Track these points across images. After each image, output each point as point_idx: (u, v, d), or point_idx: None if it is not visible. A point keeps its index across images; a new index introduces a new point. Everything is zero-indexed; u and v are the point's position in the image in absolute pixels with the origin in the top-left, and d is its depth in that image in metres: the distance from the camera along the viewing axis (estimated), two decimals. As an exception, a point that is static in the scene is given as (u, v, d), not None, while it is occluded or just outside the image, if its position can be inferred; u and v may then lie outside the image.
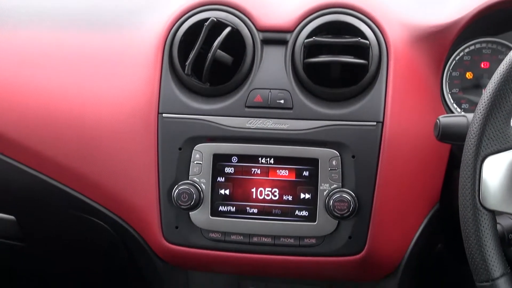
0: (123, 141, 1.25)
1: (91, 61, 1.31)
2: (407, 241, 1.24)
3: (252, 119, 1.19)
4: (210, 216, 1.19)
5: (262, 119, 1.19)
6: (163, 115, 1.21)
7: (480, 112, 0.91)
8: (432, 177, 1.23)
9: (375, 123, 1.17)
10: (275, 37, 1.22)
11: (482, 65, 1.32)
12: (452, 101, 1.31)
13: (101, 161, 1.27)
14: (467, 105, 1.32)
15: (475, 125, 0.92)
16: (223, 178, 1.19)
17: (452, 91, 1.32)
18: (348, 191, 1.16)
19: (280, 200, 1.19)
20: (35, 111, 1.29)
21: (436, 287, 1.49)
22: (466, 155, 0.92)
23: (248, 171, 1.19)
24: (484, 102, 0.91)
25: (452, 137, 1.02)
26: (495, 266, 0.91)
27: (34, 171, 1.30)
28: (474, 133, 0.92)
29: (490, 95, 0.91)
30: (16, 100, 1.30)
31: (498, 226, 1.00)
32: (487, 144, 0.91)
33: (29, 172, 1.30)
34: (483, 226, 0.91)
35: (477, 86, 1.32)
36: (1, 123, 1.29)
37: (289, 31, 1.22)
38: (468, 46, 1.31)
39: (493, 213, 0.92)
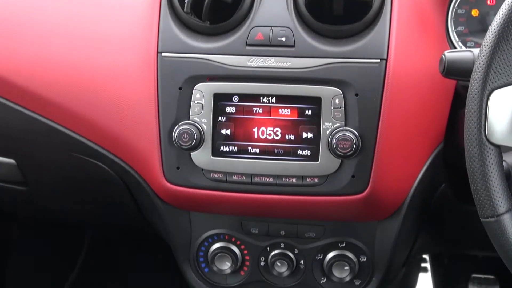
0: (123, 83, 1.23)
1: (91, 5, 1.29)
2: (411, 181, 1.23)
3: (253, 58, 1.17)
4: (212, 156, 1.18)
5: (263, 57, 1.17)
6: (163, 54, 1.19)
7: (487, 45, 0.89)
8: (436, 115, 1.22)
9: (378, 60, 1.15)
10: None
11: (488, 2, 1.29)
12: (457, 39, 1.28)
13: (101, 103, 1.25)
14: (472, 43, 1.29)
15: (481, 58, 0.89)
16: (224, 118, 1.18)
17: (458, 29, 1.29)
18: (351, 129, 1.14)
19: (282, 140, 1.17)
20: (36, 55, 1.27)
21: (439, 227, 1.49)
22: (472, 89, 0.90)
23: (249, 111, 1.17)
24: (491, 34, 0.89)
25: (458, 73, 1.01)
26: (501, 201, 0.90)
27: (34, 114, 1.29)
28: (480, 66, 0.89)
29: (497, 26, 0.88)
30: (17, 45, 1.28)
31: (504, 164, 0.98)
32: (493, 78, 0.89)
33: (29, 115, 1.29)
34: (489, 161, 0.90)
35: (483, 24, 1.29)
36: (1, 68, 1.27)
37: None
38: None
39: (499, 148, 0.91)
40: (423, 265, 2.25)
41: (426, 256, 2.28)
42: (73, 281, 2.37)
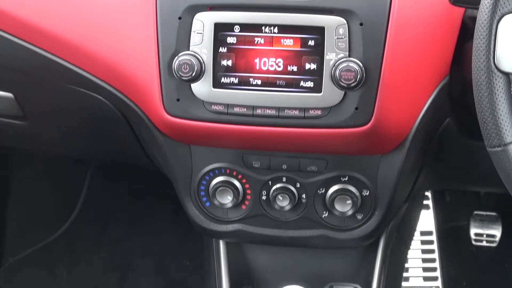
0: (122, 13, 1.20)
1: None
2: (415, 113, 1.21)
3: None
4: (212, 88, 1.16)
5: None
6: None
7: None
8: (443, 47, 1.18)
9: None
10: None
11: None
12: None
13: (100, 35, 1.22)
14: None
15: None
16: (225, 49, 1.15)
17: None
18: (356, 60, 1.11)
19: (285, 71, 1.14)
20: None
21: (442, 162, 1.48)
22: (481, 15, 0.87)
23: (251, 41, 1.14)
24: None
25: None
26: (508, 130, 0.88)
27: (32, 46, 1.26)
28: None
29: None
30: None
31: None
32: (504, 2, 0.86)
33: (27, 46, 1.26)
34: (497, 89, 0.87)
35: None
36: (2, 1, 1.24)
37: None
38: None
39: (508, 76, 0.88)
40: (425, 202, 2.25)
41: (428, 193, 2.28)
42: (74, 219, 2.38)
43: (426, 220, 2.25)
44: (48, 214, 2.42)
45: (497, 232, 2.18)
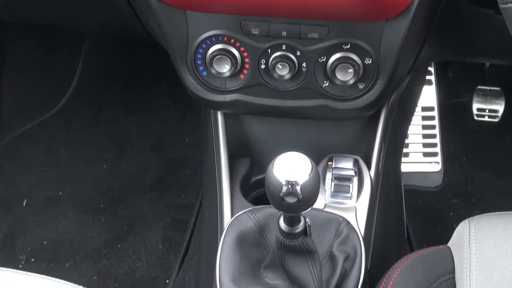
0: None
1: None
2: None
3: None
4: None
5: None
6: None
7: None
8: None
9: None
10: None
11: None
12: None
13: None
14: None
15: None
16: None
17: None
18: None
19: None
20: None
21: (449, 30, 1.42)
22: None
23: None
24: None
25: None
26: None
27: None
28: None
29: None
30: None
31: None
32: None
33: None
34: None
35: None
36: None
37: None
38: None
39: None
40: (427, 77, 2.21)
41: (431, 69, 2.24)
42: (71, 96, 2.35)
43: (428, 96, 2.21)
44: (44, 91, 2.39)
45: (499, 107, 2.15)
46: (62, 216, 2.10)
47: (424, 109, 2.20)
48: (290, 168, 0.97)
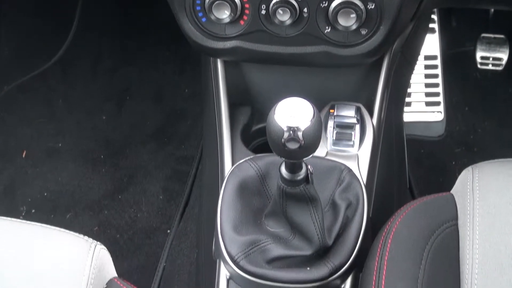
0: None
1: None
2: None
3: None
4: None
5: None
6: None
7: None
8: None
9: None
10: None
11: None
12: None
13: None
14: None
15: None
16: None
17: None
18: None
19: None
20: None
21: None
22: None
23: None
24: None
25: None
26: None
27: None
28: None
29: None
30: None
31: None
32: None
33: None
34: None
35: None
36: None
37: None
38: None
39: None
40: (431, 26, 2.17)
41: (434, 17, 2.20)
42: (68, 47, 2.32)
43: (431, 44, 2.18)
44: (41, 41, 2.36)
45: (504, 55, 2.12)
46: (62, 167, 2.09)
47: (427, 57, 2.17)
48: (292, 113, 0.95)
